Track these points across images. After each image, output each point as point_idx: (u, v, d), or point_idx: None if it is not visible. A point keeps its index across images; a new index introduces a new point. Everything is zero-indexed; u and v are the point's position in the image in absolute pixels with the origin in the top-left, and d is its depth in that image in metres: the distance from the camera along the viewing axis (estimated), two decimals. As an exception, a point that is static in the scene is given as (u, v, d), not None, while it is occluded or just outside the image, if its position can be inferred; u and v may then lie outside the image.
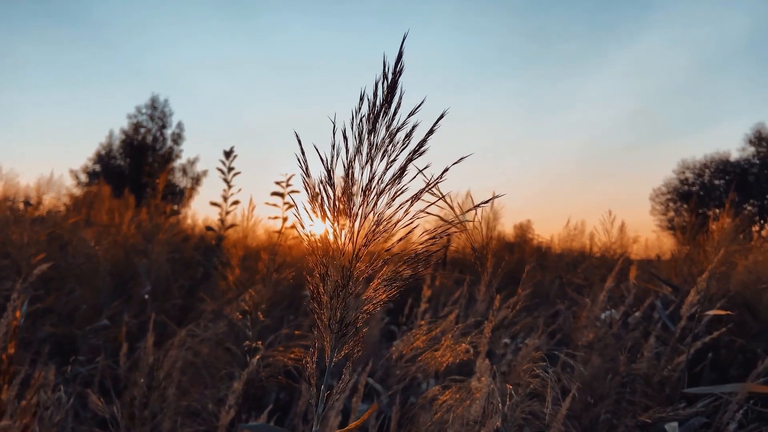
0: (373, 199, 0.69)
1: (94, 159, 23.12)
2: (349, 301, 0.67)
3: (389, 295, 0.68)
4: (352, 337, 0.69)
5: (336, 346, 0.68)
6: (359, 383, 1.78)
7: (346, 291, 0.66)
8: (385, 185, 0.69)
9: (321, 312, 0.67)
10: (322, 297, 0.67)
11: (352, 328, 0.68)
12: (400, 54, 0.70)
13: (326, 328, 0.67)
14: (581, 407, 1.96)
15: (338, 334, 0.67)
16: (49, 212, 7.03)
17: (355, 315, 0.67)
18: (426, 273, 0.66)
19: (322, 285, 0.67)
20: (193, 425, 1.78)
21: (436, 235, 0.71)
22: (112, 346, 2.69)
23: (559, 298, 3.50)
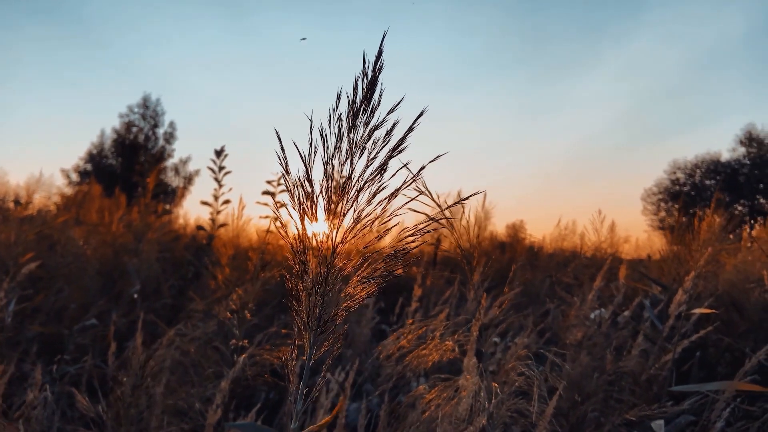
0: (352, 197, 0.69)
1: (86, 158, 22.99)
2: (328, 298, 0.67)
3: (368, 292, 0.68)
4: (331, 335, 0.69)
5: (315, 343, 0.68)
6: (346, 382, 1.78)
7: (324, 288, 0.66)
8: (364, 183, 0.69)
9: (300, 309, 0.67)
10: (300, 294, 0.67)
11: (331, 325, 0.68)
12: (380, 52, 0.70)
13: (305, 325, 0.67)
14: (569, 405, 1.96)
15: (317, 332, 0.67)
16: (39, 211, 6.98)
17: (333, 312, 0.67)
18: (403, 271, 0.66)
19: (300, 282, 0.67)
20: (180, 424, 1.77)
21: (416, 232, 0.71)
22: (101, 346, 2.68)
23: (550, 297, 3.52)
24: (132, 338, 2.26)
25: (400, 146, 0.70)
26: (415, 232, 0.71)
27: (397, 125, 0.71)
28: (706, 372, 2.85)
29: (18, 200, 7.88)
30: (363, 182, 0.69)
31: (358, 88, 0.69)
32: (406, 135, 0.71)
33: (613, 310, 2.70)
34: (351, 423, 2.38)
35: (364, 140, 0.69)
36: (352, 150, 0.69)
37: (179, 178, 23.21)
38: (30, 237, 3.17)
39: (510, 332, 3.21)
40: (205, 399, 1.87)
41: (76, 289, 3.05)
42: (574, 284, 3.32)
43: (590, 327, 2.50)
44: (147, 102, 23.99)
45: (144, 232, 3.95)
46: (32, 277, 3.18)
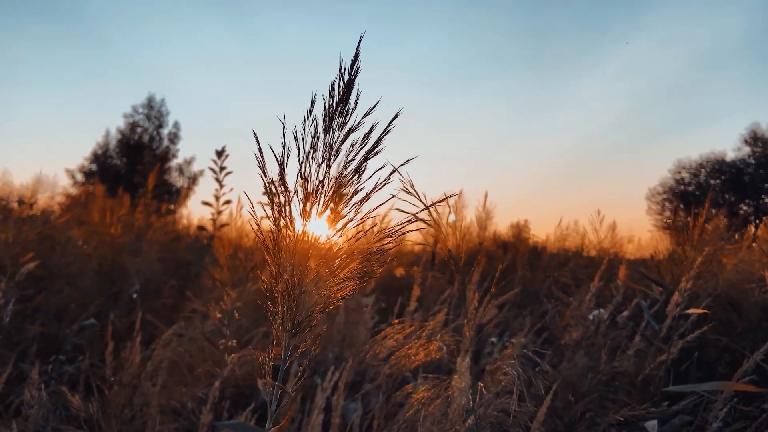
0: (327, 199, 0.69)
1: (91, 158, 23.10)
2: (302, 299, 0.68)
3: (343, 294, 0.69)
4: (308, 336, 0.69)
5: (290, 344, 0.68)
6: (340, 381, 1.78)
7: (299, 290, 0.67)
8: (339, 185, 0.70)
9: (275, 311, 0.68)
10: (276, 296, 0.67)
11: (306, 326, 0.68)
12: (357, 55, 0.70)
13: (279, 326, 0.68)
14: (563, 405, 1.97)
15: (291, 333, 0.68)
16: (43, 211, 7.03)
17: (307, 313, 0.68)
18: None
19: (275, 283, 0.67)
20: (174, 424, 1.78)
21: (392, 233, 0.71)
22: (99, 345, 2.70)
23: (548, 297, 3.52)
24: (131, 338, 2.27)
25: (376, 148, 0.71)
26: (390, 233, 0.72)
27: (375, 127, 0.72)
28: (705, 372, 2.84)
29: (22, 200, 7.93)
30: (338, 184, 0.70)
31: (335, 91, 0.70)
32: (382, 137, 0.71)
33: (612, 310, 2.70)
34: (348, 422, 2.38)
35: (339, 142, 0.70)
36: (328, 152, 0.70)
37: (183, 178, 23.30)
38: (31, 237, 3.19)
39: (507, 332, 3.22)
40: (198, 399, 1.88)
41: (76, 289, 3.06)
42: (572, 284, 3.32)
43: (587, 327, 2.50)
44: (151, 102, 24.08)
45: (144, 232, 3.97)
46: (33, 276, 3.21)
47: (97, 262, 3.27)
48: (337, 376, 1.96)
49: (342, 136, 0.70)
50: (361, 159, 0.71)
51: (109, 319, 2.40)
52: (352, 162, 0.71)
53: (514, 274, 5.03)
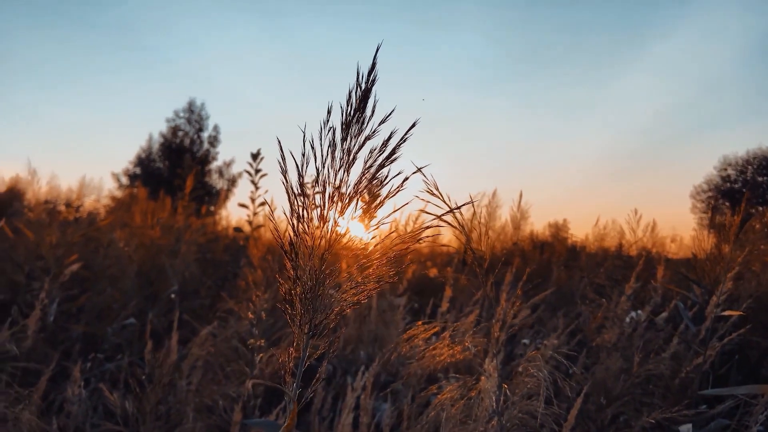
0: (344, 204, 0.71)
1: (135, 162, 23.77)
2: (320, 302, 0.70)
3: (360, 297, 0.71)
4: (326, 338, 0.71)
5: (307, 346, 0.70)
6: (367, 382, 1.80)
7: (316, 292, 0.69)
8: (356, 191, 0.71)
9: (293, 314, 0.70)
10: (294, 299, 0.69)
11: (324, 328, 0.70)
12: (374, 64, 0.72)
13: (298, 328, 0.70)
14: (595, 408, 1.94)
15: (308, 335, 0.70)
16: (89, 214, 7.29)
17: (325, 316, 0.70)
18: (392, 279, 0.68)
19: (293, 287, 0.70)
20: (207, 421, 1.84)
21: (409, 238, 0.73)
22: (139, 344, 2.79)
23: (584, 298, 3.47)
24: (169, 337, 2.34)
25: (393, 156, 0.72)
26: (407, 238, 0.73)
27: (394, 134, 0.73)
28: (746, 375, 2.76)
29: (69, 203, 8.23)
30: (356, 191, 0.72)
31: (352, 100, 0.72)
32: (399, 145, 0.73)
33: (649, 312, 2.64)
34: (378, 422, 2.41)
35: (356, 150, 0.72)
36: (345, 159, 0.72)
37: (223, 180, 23.76)
38: (75, 239, 3.32)
39: (541, 334, 3.19)
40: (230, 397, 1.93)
41: (118, 290, 3.17)
42: (608, 285, 3.26)
43: (624, 329, 2.46)
44: (192, 106, 24.64)
45: (183, 233, 4.08)
46: (79, 277, 3.33)
47: (137, 264, 3.37)
48: (366, 376, 1.98)
49: (359, 143, 0.72)
50: (378, 166, 0.72)
51: (148, 318, 2.49)
52: (370, 168, 0.73)
53: (549, 275, 4.97)
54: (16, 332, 2.31)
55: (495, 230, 5.96)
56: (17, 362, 2.19)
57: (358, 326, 3.22)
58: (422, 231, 0.74)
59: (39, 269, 2.93)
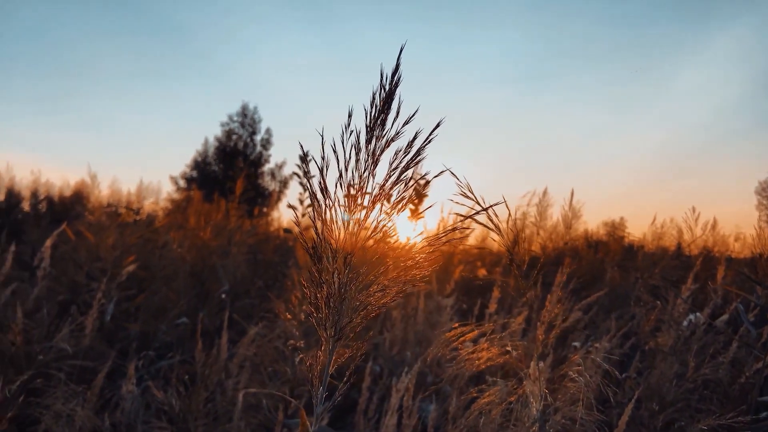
0: (367, 207, 0.71)
1: (192, 165, 24.52)
2: (345, 306, 0.69)
3: (385, 301, 0.70)
4: (353, 341, 0.71)
5: (334, 349, 0.70)
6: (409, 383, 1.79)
7: (341, 296, 0.69)
8: (380, 193, 0.71)
9: (319, 317, 0.70)
10: (320, 303, 0.69)
11: (349, 331, 0.70)
12: (398, 65, 0.71)
13: (324, 332, 0.70)
14: (648, 413, 1.87)
15: (335, 338, 0.70)
16: (148, 216, 7.57)
17: (350, 319, 0.69)
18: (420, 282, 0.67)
19: (318, 290, 0.70)
20: (253, 420, 1.87)
21: (434, 241, 0.72)
22: (191, 343, 2.87)
23: (639, 299, 3.34)
24: (219, 336, 2.40)
25: (418, 157, 0.71)
26: (433, 241, 0.72)
27: (419, 135, 0.72)
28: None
29: (129, 206, 8.58)
30: (380, 193, 0.71)
31: (376, 101, 0.71)
32: (425, 145, 0.72)
33: (709, 314, 2.52)
34: (422, 420, 2.39)
35: (380, 152, 0.71)
36: (370, 161, 0.71)
37: (275, 182, 24.22)
38: (132, 241, 3.45)
39: (592, 336, 3.09)
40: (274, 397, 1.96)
41: (171, 290, 3.27)
42: (664, 286, 3.13)
43: (681, 332, 2.36)
44: (245, 110, 25.22)
45: (232, 235, 4.17)
46: (137, 277, 3.46)
47: (189, 264, 3.47)
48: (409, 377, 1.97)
49: (382, 145, 0.71)
50: (402, 167, 0.72)
51: (199, 318, 2.55)
52: (395, 170, 0.72)
53: (603, 275, 4.82)
54: (75, 331, 2.41)
55: (546, 230, 5.84)
56: (75, 360, 2.29)
57: (405, 327, 3.22)
58: (447, 234, 0.73)
59: (98, 270, 3.06)
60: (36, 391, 2.01)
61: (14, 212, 7.92)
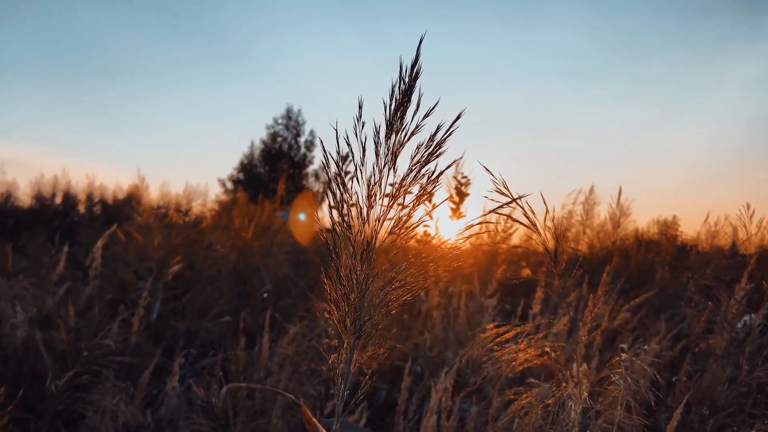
0: (388, 202, 0.69)
1: (239, 168, 25.05)
2: (365, 303, 0.68)
3: (406, 298, 0.68)
4: (374, 339, 0.70)
5: (354, 347, 0.69)
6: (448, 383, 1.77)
7: (360, 293, 0.68)
8: (400, 188, 0.69)
9: (339, 314, 0.69)
10: (339, 299, 0.68)
11: (371, 329, 0.69)
12: (417, 57, 0.70)
13: (343, 329, 0.69)
14: (699, 418, 1.78)
15: (355, 336, 0.69)
16: (196, 217, 7.77)
17: (370, 317, 0.68)
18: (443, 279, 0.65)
19: (337, 287, 0.68)
20: (292, 419, 1.88)
21: (458, 237, 0.70)
22: (234, 341, 2.92)
23: (690, 300, 3.21)
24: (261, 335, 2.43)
25: (438, 151, 0.69)
26: (457, 237, 0.70)
27: (440, 128, 0.70)
28: None
29: (178, 208, 8.83)
30: (400, 187, 0.69)
31: (395, 94, 0.70)
32: (445, 139, 0.70)
33: (764, 315, 2.40)
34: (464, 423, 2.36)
35: (400, 146, 0.70)
36: (390, 156, 0.70)
37: (318, 183, 24.48)
38: (178, 241, 3.54)
39: (641, 338, 2.99)
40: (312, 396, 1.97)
41: (215, 289, 3.34)
42: (716, 286, 3.00)
43: (733, 334, 2.25)
44: (290, 113, 25.60)
45: (275, 235, 4.22)
46: (183, 277, 3.55)
47: (232, 264, 3.54)
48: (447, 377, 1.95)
49: (402, 139, 0.69)
50: (423, 161, 0.70)
51: (241, 317, 2.59)
52: (416, 165, 0.71)
53: (653, 275, 4.65)
54: (123, 328, 2.49)
55: (593, 228, 5.68)
56: (123, 357, 2.36)
57: (445, 327, 3.19)
58: (470, 229, 0.71)
59: (145, 269, 3.15)
60: (83, 387, 2.08)
61: (71, 215, 8.26)
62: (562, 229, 1.19)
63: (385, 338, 0.71)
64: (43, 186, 8.50)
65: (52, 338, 2.28)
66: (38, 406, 2.05)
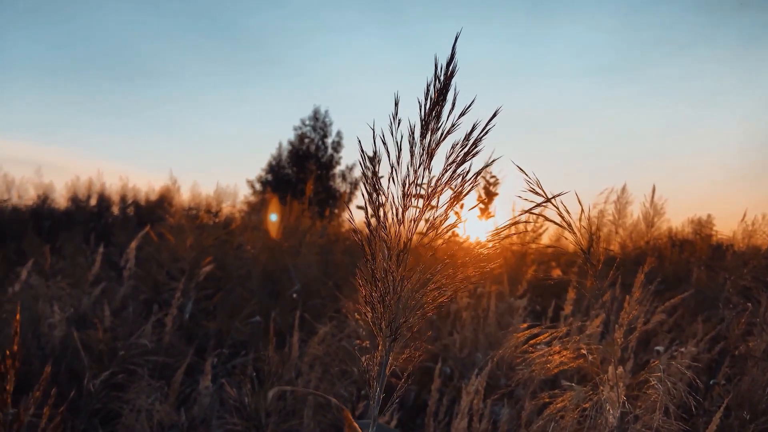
0: (423, 202, 0.68)
1: (267, 169, 25.28)
2: (401, 305, 0.67)
3: (441, 300, 0.67)
4: (410, 341, 0.69)
5: (390, 350, 0.68)
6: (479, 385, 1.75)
7: (396, 295, 0.67)
8: (436, 188, 0.68)
9: (375, 316, 0.68)
10: (374, 301, 0.68)
11: (407, 331, 0.68)
12: (452, 55, 0.68)
13: (379, 331, 0.68)
14: (739, 423, 1.73)
15: (391, 338, 0.68)
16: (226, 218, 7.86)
17: (405, 318, 0.67)
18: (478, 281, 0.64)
19: (373, 289, 0.68)
20: (323, 419, 1.88)
21: (494, 238, 0.68)
22: (264, 341, 2.94)
23: (728, 301, 3.12)
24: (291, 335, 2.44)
25: (474, 150, 0.68)
26: (492, 236, 0.69)
27: (476, 127, 0.69)
28: None
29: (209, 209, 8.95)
30: (435, 187, 0.68)
31: (430, 93, 0.69)
32: (481, 138, 0.68)
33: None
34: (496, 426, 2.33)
35: (435, 145, 0.69)
36: (425, 155, 0.69)
37: (346, 183, 24.56)
38: (209, 242, 3.58)
39: (677, 341, 2.91)
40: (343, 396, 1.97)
41: (245, 289, 3.37)
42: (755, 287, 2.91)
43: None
44: (317, 114, 25.74)
45: (302, 236, 4.25)
46: (215, 277, 3.60)
47: (262, 264, 3.56)
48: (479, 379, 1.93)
49: (438, 138, 0.68)
50: (459, 161, 0.69)
51: (271, 317, 2.61)
52: (452, 164, 0.69)
53: (688, 276, 4.54)
54: (156, 328, 2.53)
55: (625, 228, 5.56)
56: (157, 357, 2.40)
57: (475, 328, 3.16)
58: (506, 229, 0.69)
59: (178, 270, 3.20)
60: (119, 386, 2.12)
61: (105, 216, 8.44)
62: (596, 230, 1.16)
63: (420, 341, 0.70)
64: (78, 188, 8.70)
65: (89, 337, 2.33)
66: (75, 404, 2.10)
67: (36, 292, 2.78)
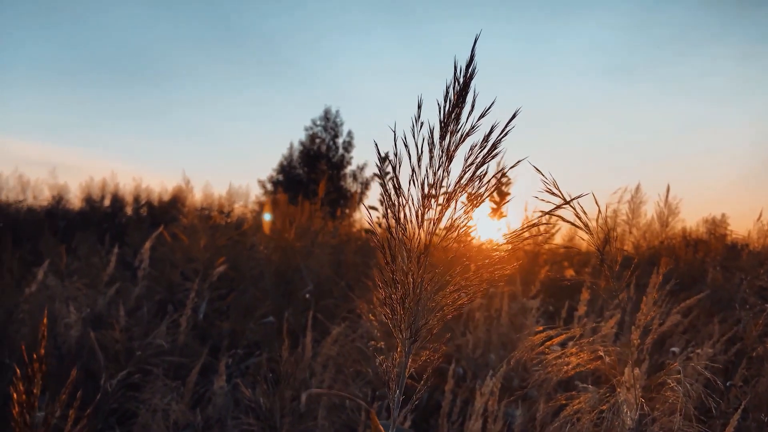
0: (442, 204, 0.68)
1: (278, 169, 25.36)
2: (421, 306, 0.67)
3: (462, 302, 0.67)
4: (428, 343, 0.69)
5: (410, 352, 0.68)
6: (494, 387, 1.74)
7: (416, 297, 0.67)
8: (455, 190, 0.68)
9: (394, 318, 0.68)
10: (394, 303, 0.68)
11: (426, 333, 0.68)
12: (472, 57, 0.68)
13: (399, 333, 0.68)
14: (756, 425, 1.71)
15: (411, 340, 0.68)
16: (238, 218, 7.90)
17: (425, 320, 0.67)
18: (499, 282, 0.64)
19: (393, 291, 0.68)
20: (337, 420, 1.88)
21: (512, 240, 0.68)
22: (278, 341, 2.95)
23: (744, 302, 3.09)
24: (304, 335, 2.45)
25: (493, 152, 0.68)
26: (513, 238, 0.68)
27: (494, 129, 0.69)
28: None
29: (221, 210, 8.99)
30: (455, 189, 0.68)
31: (450, 95, 0.69)
32: (501, 139, 0.68)
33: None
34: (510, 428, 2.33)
35: (455, 147, 0.69)
36: (445, 157, 0.69)
37: (357, 183, 24.57)
38: (222, 243, 3.60)
39: (693, 342, 2.89)
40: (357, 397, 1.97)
41: (258, 290, 3.38)
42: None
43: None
44: (328, 114, 25.78)
45: (314, 236, 4.25)
46: (228, 277, 3.61)
47: (274, 265, 3.58)
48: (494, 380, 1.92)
49: (457, 140, 0.68)
50: (479, 163, 0.68)
51: (284, 317, 2.62)
52: (471, 166, 0.69)
53: (703, 276, 4.49)
54: (171, 328, 2.55)
55: (639, 228, 5.52)
56: (172, 357, 2.42)
57: (488, 329, 3.15)
58: (525, 230, 0.69)
59: (191, 270, 3.21)
60: (135, 386, 2.14)
61: (118, 217, 8.51)
62: (612, 230, 1.16)
63: (440, 343, 0.70)
64: (92, 189, 8.78)
65: (105, 338, 2.35)
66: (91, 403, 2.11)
67: (52, 292, 2.81)
